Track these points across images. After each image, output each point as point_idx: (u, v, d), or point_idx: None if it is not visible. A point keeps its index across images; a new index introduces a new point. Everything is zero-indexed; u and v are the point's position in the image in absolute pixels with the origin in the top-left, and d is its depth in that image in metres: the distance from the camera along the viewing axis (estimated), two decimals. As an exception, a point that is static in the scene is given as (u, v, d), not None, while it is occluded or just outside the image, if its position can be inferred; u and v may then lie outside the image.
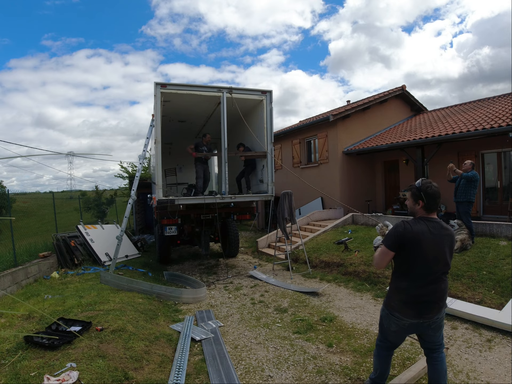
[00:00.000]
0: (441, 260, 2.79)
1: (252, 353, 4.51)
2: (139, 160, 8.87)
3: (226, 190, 8.63)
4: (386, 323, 3.01)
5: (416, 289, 2.81)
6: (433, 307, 2.82)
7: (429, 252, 2.75)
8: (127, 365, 3.74)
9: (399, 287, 2.91)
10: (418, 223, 2.82)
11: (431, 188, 2.81)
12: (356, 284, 7.40)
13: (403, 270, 2.89)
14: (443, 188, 12.11)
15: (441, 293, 2.84)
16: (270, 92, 8.98)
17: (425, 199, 2.80)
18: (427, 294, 2.80)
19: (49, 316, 4.90)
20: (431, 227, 2.79)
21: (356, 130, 15.26)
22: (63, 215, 15.08)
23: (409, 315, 2.83)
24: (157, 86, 7.94)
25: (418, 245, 2.74)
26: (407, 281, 2.85)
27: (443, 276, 2.84)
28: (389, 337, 3.06)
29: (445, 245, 2.80)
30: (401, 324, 2.88)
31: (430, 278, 2.79)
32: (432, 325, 2.87)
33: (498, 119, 10.28)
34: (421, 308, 2.81)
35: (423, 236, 2.75)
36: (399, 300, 2.88)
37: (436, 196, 2.81)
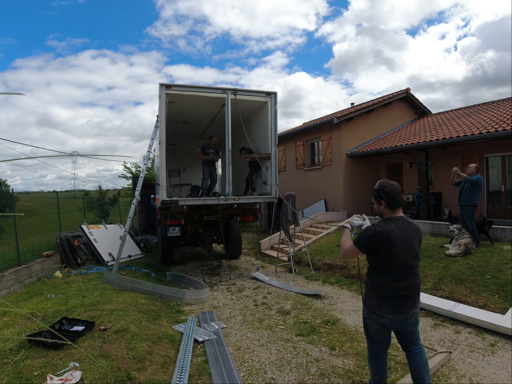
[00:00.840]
0: (412, 255, 2.91)
1: (254, 355, 4.51)
2: (143, 161, 8.88)
3: (229, 191, 8.63)
4: (369, 323, 3.08)
5: (391, 284, 2.90)
6: (408, 301, 2.91)
7: (401, 249, 2.85)
8: (130, 366, 3.74)
9: (375, 284, 2.99)
10: (387, 223, 2.91)
11: (388, 186, 2.94)
12: (359, 287, 7.36)
13: (378, 268, 2.97)
14: (447, 191, 12.18)
15: (415, 287, 2.96)
16: (275, 93, 8.98)
17: (385, 197, 2.93)
18: (402, 288, 2.89)
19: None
20: (399, 225, 2.90)
21: (360, 132, 15.25)
22: (66, 214, 15.13)
23: (387, 311, 2.90)
24: (162, 87, 7.95)
25: (390, 244, 2.84)
26: (382, 277, 2.94)
27: (415, 270, 2.95)
28: (375, 337, 3.11)
29: (415, 240, 2.94)
30: (381, 321, 2.96)
31: (404, 274, 2.90)
32: (409, 320, 2.95)
33: (502, 122, 10.24)
34: (397, 303, 2.89)
35: (393, 235, 2.84)
36: (376, 297, 2.96)
37: (395, 192, 2.92)
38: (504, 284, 5.90)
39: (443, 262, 7.14)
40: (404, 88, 16.28)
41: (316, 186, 15.98)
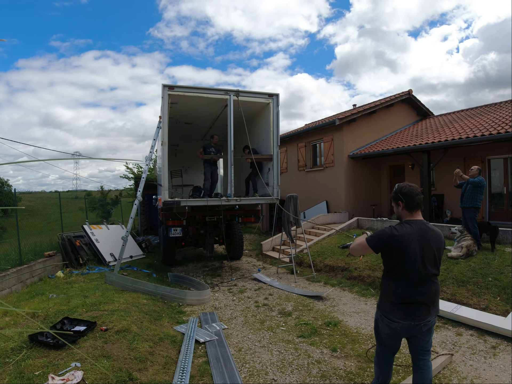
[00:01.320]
0: (429, 261, 2.78)
1: (256, 356, 4.51)
2: (145, 162, 8.90)
3: (231, 192, 8.64)
4: (380, 326, 2.98)
5: (404, 290, 2.80)
6: (422, 309, 2.79)
7: (416, 254, 2.74)
8: (132, 366, 3.75)
9: (388, 288, 2.92)
10: (404, 226, 2.82)
11: (406, 187, 2.86)
12: (360, 288, 7.38)
13: (392, 272, 2.89)
14: (449, 193, 12.15)
15: (431, 295, 2.82)
16: (277, 95, 9.00)
17: (403, 198, 2.85)
18: (416, 295, 2.78)
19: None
20: (416, 229, 2.79)
21: (362, 134, 15.24)
22: (68, 214, 15.14)
23: (399, 317, 2.79)
24: (165, 88, 7.98)
25: (405, 248, 2.74)
26: (395, 282, 2.86)
27: (432, 278, 2.82)
28: (385, 340, 3.02)
29: (433, 246, 2.79)
30: (393, 326, 2.84)
31: (418, 280, 2.78)
32: (423, 328, 2.81)
33: (504, 124, 10.22)
34: (410, 310, 2.78)
35: (409, 238, 2.75)
36: (389, 301, 2.87)
37: (413, 193, 2.82)
38: (506, 286, 5.89)
39: (445, 264, 7.13)
40: (406, 90, 16.27)
41: (318, 187, 15.97)
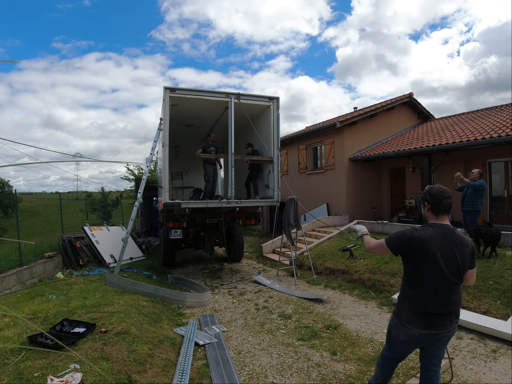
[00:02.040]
0: (451, 269, 2.58)
1: (255, 359, 4.50)
2: (146, 163, 8.90)
3: (232, 194, 8.64)
4: (394, 333, 2.83)
5: (424, 298, 2.62)
6: (444, 319, 2.62)
7: (437, 259, 2.55)
8: (131, 368, 3.73)
9: (407, 296, 2.75)
10: (426, 229, 2.65)
11: (435, 188, 2.69)
12: (361, 291, 7.36)
13: (411, 278, 2.75)
14: (450, 196, 12.12)
15: (452, 305, 2.64)
16: (277, 98, 9.03)
17: (430, 199, 2.69)
18: (437, 305, 2.60)
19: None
20: (439, 233, 2.61)
21: (363, 137, 15.25)
22: (68, 215, 15.15)
23: (419, 326, 2.63)
24: (166, 90, 8.01)
25: (425, 252, 2.57)
26: (414, 290, 2.70)
27: (454, 287, 2.62)
28: (397, 347, 2.89)
29: (456, 253, 2.58)
30: (411, 334, 2.68)
31: (439, 288, 2.60)
32: (443, 338, 2.69)
33: (505, 128, 10.23)
34: (431, 320, 2.61)
35: (430, 242, 2.57)
36: (408, 310, 2.70)
37: (440, 196, 2.65)
38: (507, 290, 5.88)
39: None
40: (407, 93, 16.29)
41: (319, 190, 15.97)
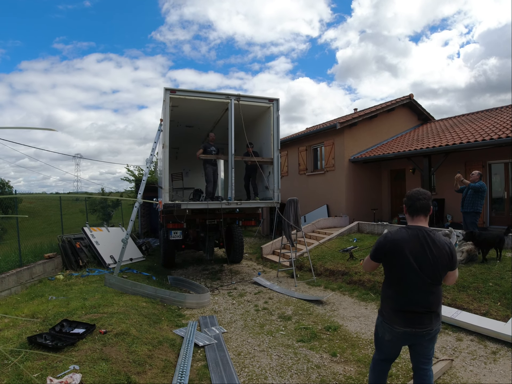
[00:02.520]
0: (426, 269, 2.62)
1: (255, 360, 4.49)
2: (146, 164, 8.90)
3: (232, 195, 8.64)
4: (380, 332, 2.89)
5: (402, 297, 2.72)
6: (422, 318, 2.68)
7: (410, 260, 2.61)
8: (130, 369, 3.73)
9: (386, 295, 2.87)
10: (400, 231, 2.73)
11: (412, 191, 2.75)
12: (361, 293, 7.35)
13: (388, 278, 2.85)
14: (450, 198, 12.14)
15: (430, 305, 2.68)
16: (277, 100, 9.04)
17: (406, 201, 2.77)
18: (414, 304, 2.67)
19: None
20: (412, 234, 2.67)
21: (363, 138, 15.25)
22: (68, 216, 15.16)
23: (399, 324, 2.70)
24: (167, 91, 8.02)
25: (398, 253, 2.66)
26: (392, 289, 2.80)
27: (430, 287, 2.66)
28: (384, 347, 2.94)
29: (429, 254, 2.61)
30: (394, 332, 2.74)
31: (414, 288, 2.67)
32: (426, 336, 2.71)
33: (506, 129, 10.23)
34: (410, 318, 2.68)
35: (402, 244, 2.65)
36: (389, 308, 2.81)
37: (414, 198, 2.70)
38: (507, 291, 5.87)
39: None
40: (407, 94, 16.29)
41: (319, 191, 15.96)
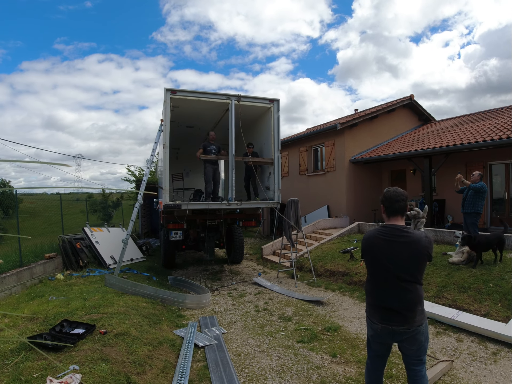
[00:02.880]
0: (400, 267, 2.66)
1: (255, 361, 4.49)
2: (146, 165, 8.90)
3: (232, 196, 8.64)
4: (367, 328, 3.01)
5: (378, 293, 2.82)
6: (396, 316, 2.68)
7: (383, 258, 2.70)
8: (130, 370, 3.73)
9: (367, 290, 2.98)
10: (376, 230, 2.84)
11: (390, 192, 2.76)
12: (361, 294, 7.34)
13: (368, 275, 2.96)
14: (450, 198, 12.14)
15: (406, 303, 2.68)
16: (278, 100, 9.04)
17: (384, 202, 2.79)
18: (389, 301, 2.71)
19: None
20: (386, 233, 2.73)
21: (364, 138, 15.25)
22: (69, 216, 15.14)
23: (376, 319, 2.78)
24: (167, 92, 8.03)
25: (371, 251, 2.81)
26: (371, 285, 2.92)
27: (405, 284, 2.67)
28: (371, 344, 2.99)
29: (404, 252, 2.65)
30: (374, 327, 2.81)
31: (388, 285, 2.71)
32: (403, 336, 2.70)
33: (506, 130, 10.23)
34: (386, 315, 2.73)
35: (375, 242, 2.78)
36: (368, 303, 2.94)
37: (393, 200, 2.72)
38: (507, 292, 5.86)
39: (446, 270, 7.11)
40: (408, 95, 16.29)
41: (319, 192, 15.96)
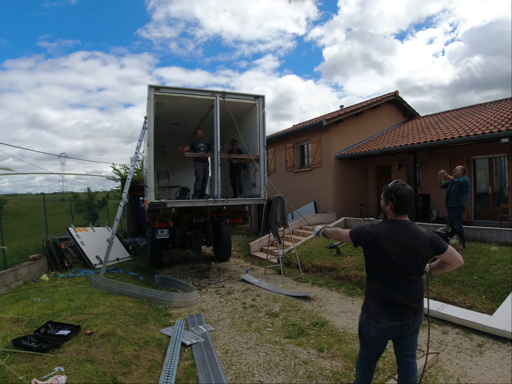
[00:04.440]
0: (409, 261, 2.71)
1: (242, 358, 4.49)
2: (131, 163, 8.81)
3: (218, 193, 8.61)
4: (365, 329, 2.92)
5: (388, 290, 2.76)
6: (408, 310, 2.74)
7: (393, 253, 2.70)
8: (116, 370, 3.69)
9: (372, 289, 2.90)
10: (383, 225, 2.82)
11: (402, 190, 2.78)
12: (348, 288, 7.40)
13: (372, 272, 2.90)
14: (435, 193, 12.28)
15: (415, 296, 2.77)
16: (263, 97, 9.04)
17: (394, 200, 2.79)
18: (400, 296, 2.73)
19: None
20: (394, 228, 2.76)
21: (349, 135, 15.32)
22: (54, 217, 14.96)
23: (386, 317, 2.75)
24: (151, 88, 7.96)
25: (379, 247, 2.74)
26: (377, 282, 2.84)
27: (414, 277, 2.74)
28: (370, 344, 2.97)
29: (412, 246, 2.72)
30: (380, 327, 2.78)
31: (400, 280, 2.73)
32: (411, 328, 2.77)
33: (489, 125, 10.36)
34: (397, 310, 2.74)
35: (383, 237, 2.74)
36: (375, 302, 2.84)
37: (406, 199, 2.76)
38: (491, 284, 5.96)
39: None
40: (393, 91, 16.40)
41: (306, 188, 16.01)
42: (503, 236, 8.09)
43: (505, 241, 7.99)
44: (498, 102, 14.16)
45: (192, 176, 10.16)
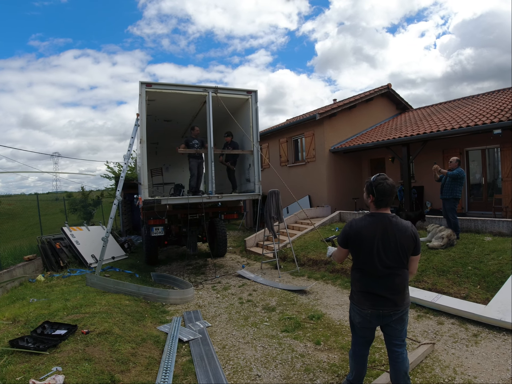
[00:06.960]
0: (391, 255, 2.78)
1: (240, 352, 4.50)
2: (124, 160, 8.75)
3: (212, 189, 8.59)
4: (352, 316, 3.06)
5: (368, 281, 2.87)
6: (386, 301, 2.81)
7: (374, 247, 2.78)
8: (114, 368, 3.69)
9: (355, 278, 3.00)
10: (364, 219, 2.90)
11: (383, 184, 2.82)
12: (343, 281, 7.43)
13: (355, 263, 2.99)
14: (429, 185, 12.33)
15: (396, 288, 2.82)
16: (255, 92, 9.00)
17: (376, 194, 2.85)
18: (380, 288, 2.81)
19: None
20: (376, 221, 2.83)
21: (343, 128, 15.34)
22: (48, 217, 14.90)
23: (367, 305, 2.86)
24: (143, 85, 7.91)
25: (361, 240, 2.83)
26: (359, 273, 2.94)
27: (396, 270, 2.81)
28: (358, 330, 3.07)
29: (393, 239, 2.77)
30: (363, 314, 2.91)
31: (380, 273, 2.80)
32: (393, 317, 2.84)
33: (482, 116, 10.41)
34: (377, 301, 2.83)
35: (365, 231, 2.82)
36: (357, 290, 2.96)
37: (386, 193, 2.81)
38: (486, 275, 6.01)
39: (425, 255, 7.23)
40: (386, 84, 16.41)
41: (300, 182, 16.02)
42: (496, 227, 8.16)
43: (498, 232, 8.07)
44: (490, 94, 14.23)
45: (186, 172, 10.13)
